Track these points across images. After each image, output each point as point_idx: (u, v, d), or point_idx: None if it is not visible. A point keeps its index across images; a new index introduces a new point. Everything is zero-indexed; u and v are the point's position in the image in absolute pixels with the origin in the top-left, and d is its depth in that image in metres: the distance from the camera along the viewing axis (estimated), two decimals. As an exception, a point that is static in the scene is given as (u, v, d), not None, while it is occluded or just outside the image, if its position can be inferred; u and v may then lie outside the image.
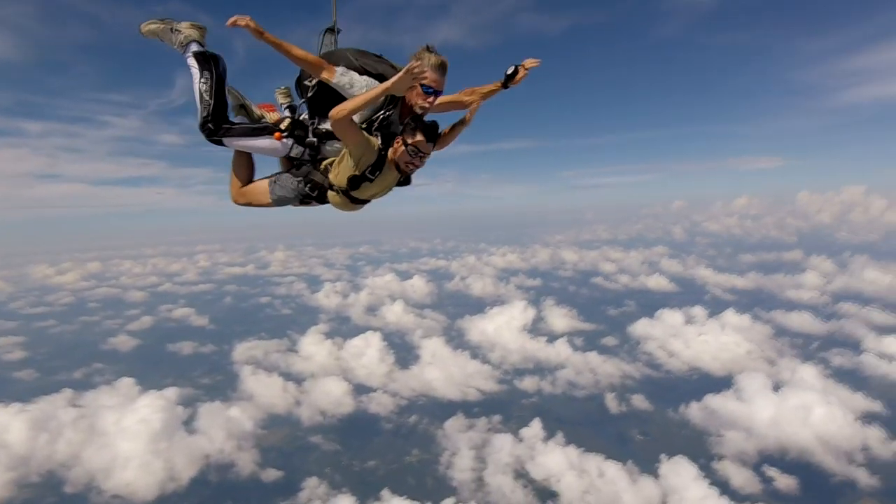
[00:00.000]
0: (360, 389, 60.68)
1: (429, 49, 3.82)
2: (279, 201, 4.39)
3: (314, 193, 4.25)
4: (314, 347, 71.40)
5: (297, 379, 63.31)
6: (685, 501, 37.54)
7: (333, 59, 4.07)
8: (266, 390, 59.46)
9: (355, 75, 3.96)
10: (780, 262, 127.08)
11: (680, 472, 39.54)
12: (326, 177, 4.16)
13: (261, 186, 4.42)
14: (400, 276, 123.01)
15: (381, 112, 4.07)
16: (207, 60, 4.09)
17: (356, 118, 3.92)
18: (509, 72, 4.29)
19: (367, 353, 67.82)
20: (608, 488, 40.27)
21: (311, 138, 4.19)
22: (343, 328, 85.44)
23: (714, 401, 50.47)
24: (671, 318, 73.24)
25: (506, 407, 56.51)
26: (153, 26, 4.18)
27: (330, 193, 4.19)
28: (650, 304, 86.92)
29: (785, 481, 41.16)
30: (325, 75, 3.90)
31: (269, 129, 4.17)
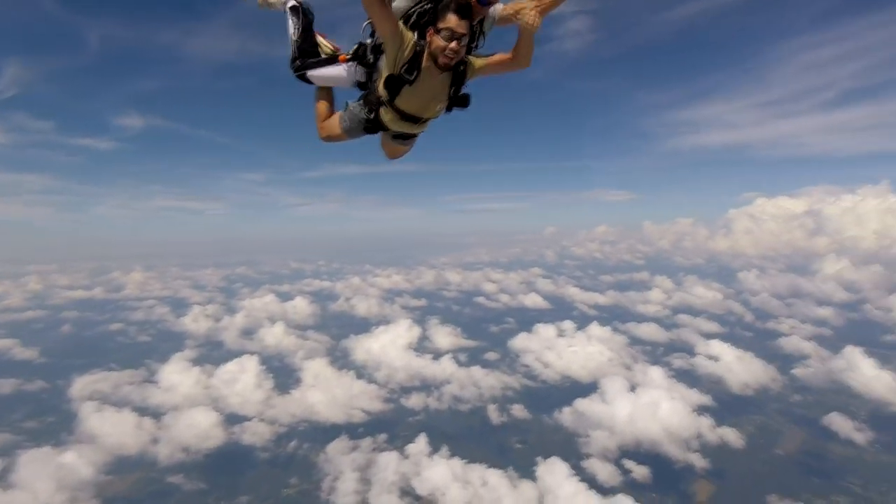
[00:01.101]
0: (232, 419, 55.33)
1: None
2: (349, 131, 4.40)
3: (372, 116, 4.14)
4: (178, 376, 63.59)
5: (155, 413, 55.69)
6: (559, 499, 40.13)
7: None
8: (113, 429, 51.24)
9: None
10: (632, 281, 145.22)
11: (554, 473, 42.34)
12: (376, 87, 4.05)
13: (335, 118, 4.53)
14: (281, 298, 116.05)
15: (418, 5, 3.87)
16: (296, 11, 4.57)
17: (398, 6, 3.85)
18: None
19: (242, 380, 62.30)
20: (490, 496, 41.55)
21: (369, 55, 4.21)
22: (214, 354, 77.72)
23: (582, 404, 55.31)
24: (545, 332, 79.14)
25: (392, 426, 55.71)
26: None
27: (382, 111, 4.01)
28: (528, 320, 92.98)
29: (640, 471, 46.29)
30: None
31: (336, 58, 4.41)
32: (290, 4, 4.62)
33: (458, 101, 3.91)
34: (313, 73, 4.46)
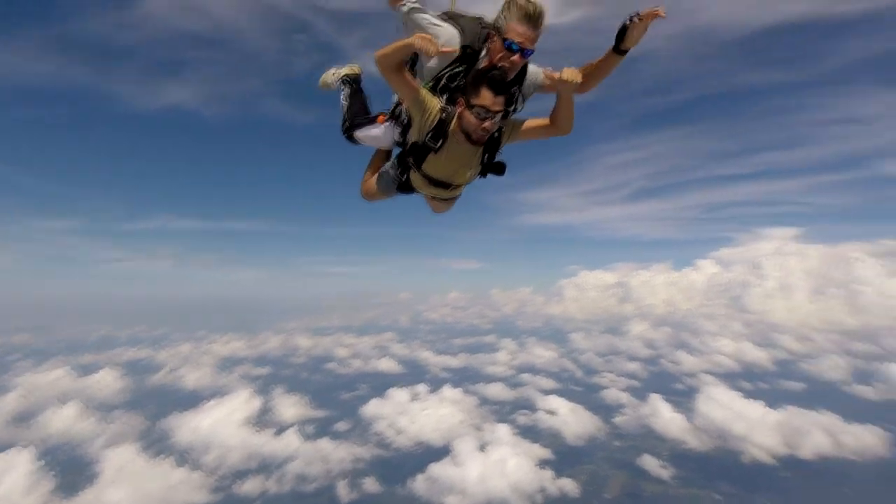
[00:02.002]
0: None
1: None
2: (385, 189, 4.29)
3: (404, 178, 4.01)
4: None
5: None
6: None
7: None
8: None
9: (433, 18, 3.59)
10: (481, 343, 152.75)
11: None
12: (405, 147, 3.94)
13: (375, 177, 4.44)
14: (79, 372, 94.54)
15: (448, 68, 3.54)
16: (349, 83, 4.60)
17: (430, 66, 3.60)
18: (619, 28, 3.20)
19: (6, 481, 47.65)
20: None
21: (403, 115, 4.01)
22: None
23: (435, 469, 54.18)
24: (399, 396, 77.55)
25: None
26: (324, 78, 4.81)
27: (412, 175, 3.87)
28: (381, 385, 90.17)
29: (491, 534, 46.12)
30: (398, 7, 3.71)
31: (377, 118, 4.27)
32: (343, 78, 4.71)
33: (491, 168, 3.70)
34: (358, 134, 4.40)
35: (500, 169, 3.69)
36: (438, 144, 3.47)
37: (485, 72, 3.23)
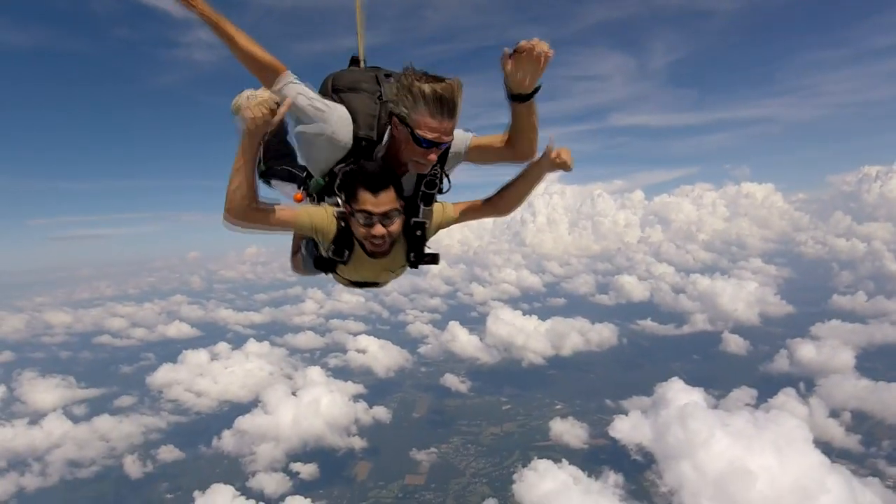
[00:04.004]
0: None
1: (425, 79, 2.32)
2: (308, 269, 3.33)
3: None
4: None
5: None
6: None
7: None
8: None
9: (314, 96, 2.61)
10: (287, 296, 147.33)
11: (215, 501, 38.26)
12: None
13: (298, 257, 3.44)
14: None
15: (341, 164, 2.63)
16: None
17: (318, 160, 2.71)
18: (507, 66, 2.39)
19: None
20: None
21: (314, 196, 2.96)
22: None
23: (244, 422, 52.15)
24: (195, 358, 70.70)
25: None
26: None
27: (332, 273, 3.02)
28: (173, 352, 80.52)
29: (308, 470, 47.53)
30: (273, 86, 2.51)
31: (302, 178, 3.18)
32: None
33: (423, 260, 2.93)
34: (279, 186, 3.33)
35: (433, 260, 2.93)
36: (345, 257, 2.74)
37: (357, 168, 2.52)
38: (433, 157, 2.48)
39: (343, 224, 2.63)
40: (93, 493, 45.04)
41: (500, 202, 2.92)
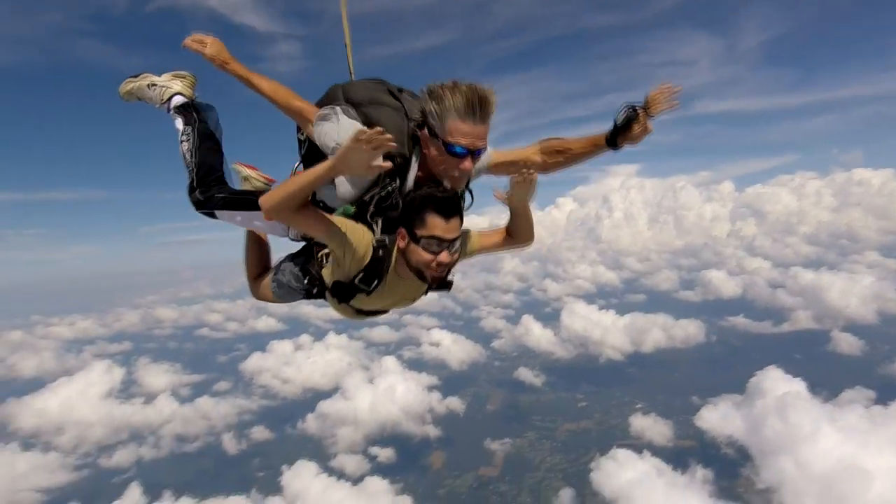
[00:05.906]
0: None
1: (454, 85, 2.24)
2: (283, 296, 3.02)
3: (314, 290, 2.78)
4: None
5: None
6: (309, 500, 38.66)
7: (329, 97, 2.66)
8: None
9: (343, 116, 2.42)
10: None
11: (301, 476, 40.68)
12: (321, 271, 2.72)
13: (267, 280, 3.14)
14: None
15: (377, 189, 2.43)
16: (191, 114, 3.07)
17: (343, 192, 2.47)
18: (621, 119, 2.48)
19: None
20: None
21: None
22: None
23: (325, 406, 55.01)
24: (282, 348, 75.73)
25: (89, 496, 43.16)
26: (129, 86, 3.20)
27: (329, 296, 2.71)
28: (262, 343, 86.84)
29: (386, 454, 49.06)
30: (310, 128, 2.49)
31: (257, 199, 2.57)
32: (175, 102, 3.10)
33: (439, 287, 2.70)
34: (228, 217, 2.92)
35: (448, 287, 2.71)
36: (373, 286, 2.53)
37: (427, 192, 2.33)
38: (468, 165, 2.34)
39: (381, 253, 2.44)
40: (196, 467, 49.64)
41: (517, 232, 2.83)
